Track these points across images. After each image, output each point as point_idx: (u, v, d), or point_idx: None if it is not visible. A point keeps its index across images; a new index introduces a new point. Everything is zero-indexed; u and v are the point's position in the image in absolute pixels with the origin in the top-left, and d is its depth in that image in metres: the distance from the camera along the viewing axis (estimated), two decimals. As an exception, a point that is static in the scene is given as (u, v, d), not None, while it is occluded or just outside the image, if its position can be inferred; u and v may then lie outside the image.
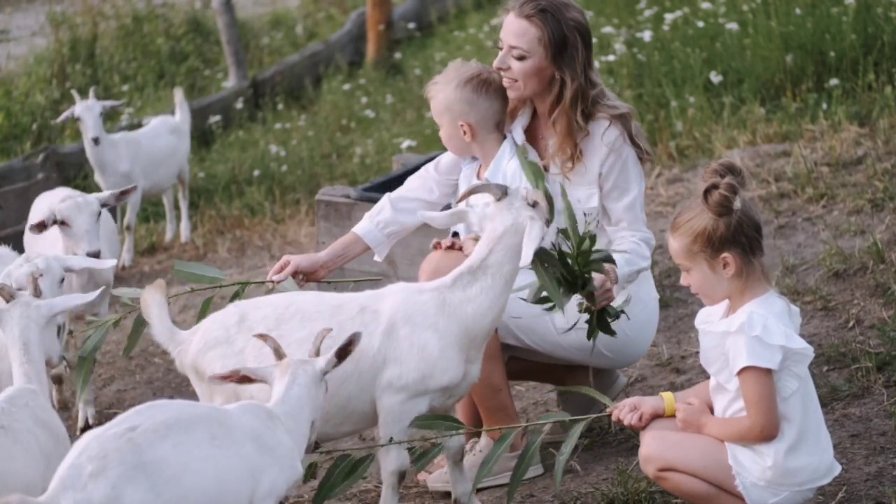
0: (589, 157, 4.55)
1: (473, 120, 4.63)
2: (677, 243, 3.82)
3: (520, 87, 4.57)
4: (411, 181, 4.88)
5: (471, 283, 4.12)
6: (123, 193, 5.65)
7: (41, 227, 5.58)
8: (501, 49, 4.56)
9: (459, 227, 4.75)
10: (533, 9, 4.47)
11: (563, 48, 4.47)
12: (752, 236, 3.78)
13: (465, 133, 4.65)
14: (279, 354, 3.81)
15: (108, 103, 8.33)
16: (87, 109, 8.21)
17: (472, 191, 4.20)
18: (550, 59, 4.49)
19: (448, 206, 4.95)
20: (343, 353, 3.73)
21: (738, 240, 3.76)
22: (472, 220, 4.21)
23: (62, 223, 5.60)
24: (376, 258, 4.84)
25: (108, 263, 4.89)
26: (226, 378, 3.79)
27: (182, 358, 4.23)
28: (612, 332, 4.30)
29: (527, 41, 4.48)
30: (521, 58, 4.51)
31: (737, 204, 3.74)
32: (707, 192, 3.76)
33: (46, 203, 6.25)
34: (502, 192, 4.11)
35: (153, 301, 4.24)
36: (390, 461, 4.19)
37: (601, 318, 4.27)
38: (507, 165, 4.63)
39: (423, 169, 4.88)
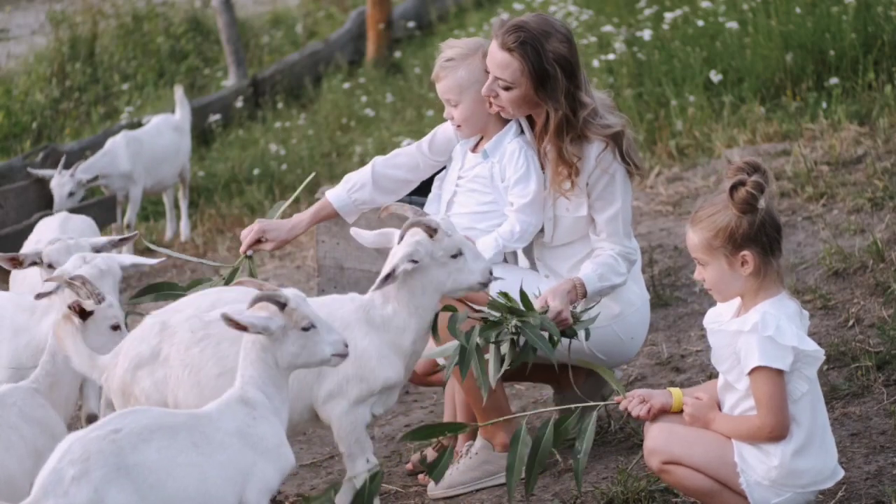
0: (580, 172, 4.55)
1: None
2: (697, 237, 3.80)
3: (509, 112, 4.59)
4: (399, 157, 4.87)
5: (384, 304, 4.20)
6: (122, 240, 5.11)
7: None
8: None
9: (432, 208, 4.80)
10: (514, 41, 4.45)
11: (544, 80, 4.46)
12: (773, 236, 3.77)
13: (491, 105, 4.62)
14: (275, 300, 3.66)
15: (84, 178, 8.41)
16: (58, 186, 8.34)
17: (410, 226, 4.17)
18: (534, 90, 4.49)
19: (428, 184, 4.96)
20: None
21: (759, 239, 3.75)
22: (395, 241, 4.23)
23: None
24: (348, 220, 4.92)
25: (154, 260, 4.85)
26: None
27: (109, 383, 4.10)
28: (574, 335, 4.33)
29: (510, 73, 4.48)
30: (506, 88, 4.51)
31: (762, 203, 3.73)
32: (733, 188, 3.74)
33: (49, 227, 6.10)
34: (433, 230, 4.13)
35: (66, 332, 4.08)
36: (359, 466, 4.23)
37: (563, 333, 4.32)
38: (507, 144, 4.64)
39: (415, 146, 4.87)
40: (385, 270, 4.13)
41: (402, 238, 4.17)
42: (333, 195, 4.87)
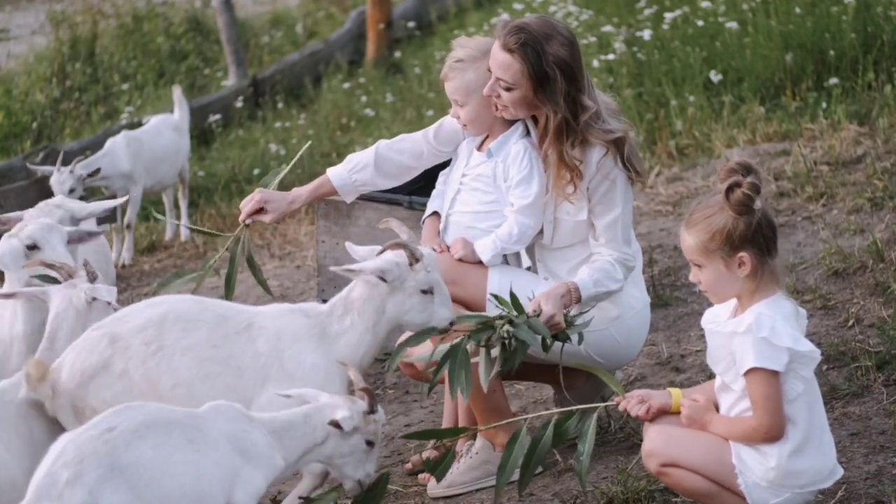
0: (583, 177, 4.55)
1: None
2: (693, 239, 3.78)
3: (511, 112, 4.57)
4: (404, 142, 4.87)
5: (343, 315, 4.20)
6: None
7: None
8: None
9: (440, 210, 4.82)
10: (515, 42, 4.43)
11: (544, 82, 4.45)
12: (769, 237, 3.76)
13: (498, 108, 4.60)
14: (371, 403, 3.82)
15: (84, 173, 8.39)
16: (58, 183, 8.31)
17: (395, 245, 4.20)
18: (534, 91, 4.48)
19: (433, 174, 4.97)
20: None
21: (756, 240, 3.74)
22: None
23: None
24: (346, 200, 4.96)
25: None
26: None
27: (56, 401, 4.04)
28: (567, 339, 4.35)
29: (511, 74, 4.46)
30: (507, 89, 4.51)
31: (757, 203, 3.73)
32: (729, 190, 3.73)
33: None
34: (416, 259, 4.16)
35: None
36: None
37: (556, 337, 4.34)
38: (513, 144, 4.64)
39: (421, 133, 4.86)
40: (353, 266, 4.16)
41: (381, 252, 4.20)
42: (334, 173, 4.87)
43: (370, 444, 3.80)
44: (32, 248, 4.75)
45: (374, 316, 4.19)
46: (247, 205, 4.81)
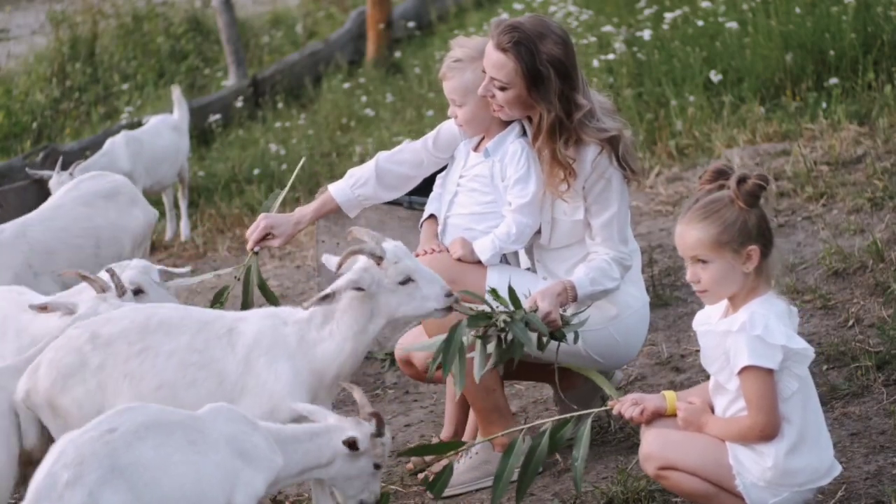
0: (577, 176, 4.54)
1: None
2: (704, 234, 3.75)
3: (507, 112, 4.58)
4: (403, 153, 4.88)
5: (323, 324, 4.18)
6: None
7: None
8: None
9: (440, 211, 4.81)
10: (508, 42, 4.44)
11: (537, 81, 4.45)
12: (771, 231, 3.78)
13: (496, 109, 4.60)
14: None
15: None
16: (57, 185, 8.28)
17: (350, 254, 4.17)
18: (527, 90, 4.48)
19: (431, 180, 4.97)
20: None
21: (764, 233, 3.75)
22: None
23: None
24: (349, 215, 4.96)
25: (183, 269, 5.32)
26: None
27: (33, 399, 4.10)
28: (563, 339, 4.34)
29: (505, 74, 4.46)
30: (502, 88, 4.50)
31: (764, 196, 3.74)
32: (741, 181, 3.73)
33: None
34: (378, 258, 4.12)
35: None
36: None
37: (552, 335, 4.33)
38: (510, 144, 4.64)
39: (421, 142, 4.87)
40: (326, 290, 4.13)
41: (339, 265, 4.17)
42: (336, 190, 4.88)
43: (377, 466, 3.80)
44: (137, 292, 4.84)
45: (357, 324, 4.15)
46: (253, 232, 4.82)
